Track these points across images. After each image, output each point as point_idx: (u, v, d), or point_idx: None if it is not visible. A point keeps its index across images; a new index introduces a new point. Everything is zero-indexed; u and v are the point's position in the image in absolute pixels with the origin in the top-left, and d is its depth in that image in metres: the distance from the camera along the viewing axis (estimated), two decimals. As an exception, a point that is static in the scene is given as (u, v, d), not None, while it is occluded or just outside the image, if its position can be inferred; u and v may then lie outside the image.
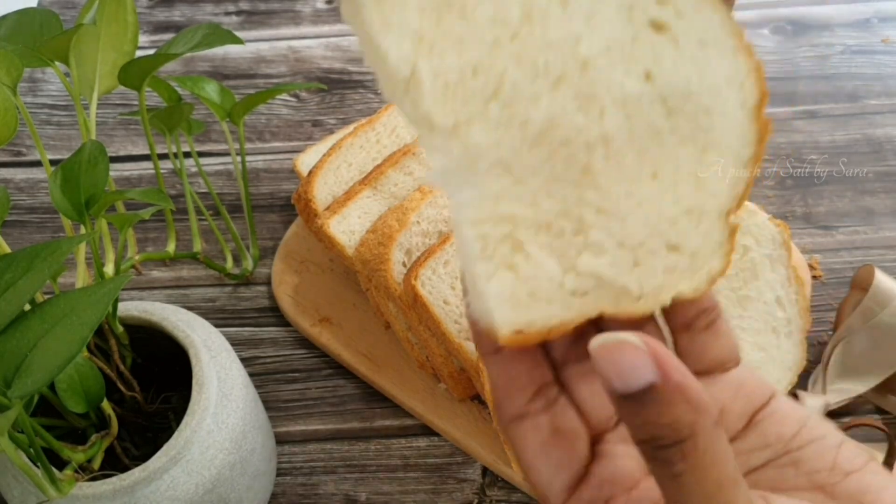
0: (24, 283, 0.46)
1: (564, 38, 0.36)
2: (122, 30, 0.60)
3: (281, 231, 0.84)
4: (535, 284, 0.37)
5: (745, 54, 0.38)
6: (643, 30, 0.37)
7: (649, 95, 0.37)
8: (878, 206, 0.83)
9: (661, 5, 0.37)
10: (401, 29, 0.34)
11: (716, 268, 0.38)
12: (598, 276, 0.37)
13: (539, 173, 0.37)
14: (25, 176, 0.90)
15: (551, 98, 0.36)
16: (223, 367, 0.60)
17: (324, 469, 0.71)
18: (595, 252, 0.37)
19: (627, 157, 0.37)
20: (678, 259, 0.38)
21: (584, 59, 0.36)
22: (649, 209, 0.37)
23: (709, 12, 0.38)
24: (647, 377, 0.32)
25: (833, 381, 0.70)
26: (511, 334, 0.36)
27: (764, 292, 0.68)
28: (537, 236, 0.37)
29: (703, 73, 0.37)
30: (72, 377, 0.53)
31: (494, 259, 0.36)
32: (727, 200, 0.39)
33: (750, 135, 0.38)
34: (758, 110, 0.38)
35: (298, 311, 0.78)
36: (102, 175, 0.54)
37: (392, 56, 0.34)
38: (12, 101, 0.53)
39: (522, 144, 0.36)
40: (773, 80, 0.93)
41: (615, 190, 0.37)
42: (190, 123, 0.75)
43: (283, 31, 1.02)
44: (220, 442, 0.57)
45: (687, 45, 0.37)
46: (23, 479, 0.54)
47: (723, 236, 0.38)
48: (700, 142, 0.38)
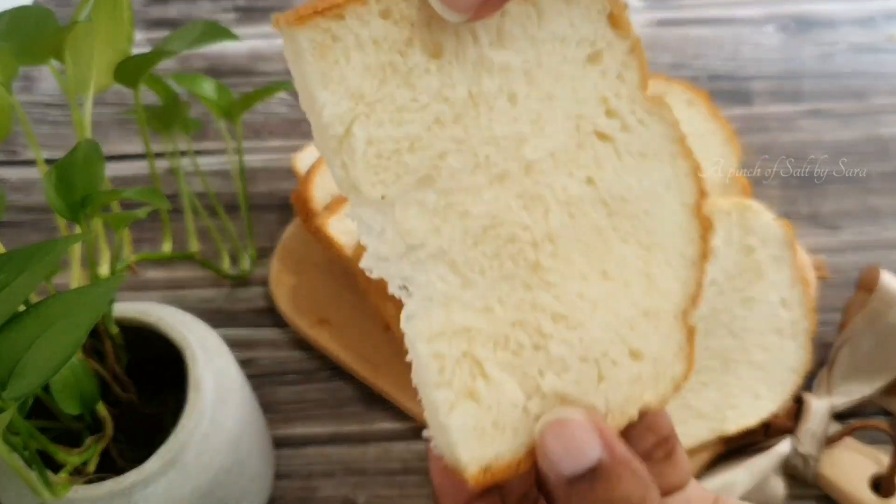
0: (18, 283, 0.45)
1: (509, 137, 0.35)
2: (118, 27, 0.60)
3: (279, 231, 0.83)
4: (498, 413, 0.35)
5: (684, 157, 0.38)
6: (588, 138, 0.37)
7: (591, 198, 0.37)
8: (884, 206, 0.83)
9: (608, 117, 0.37)
10: (340, 85, 0.33)
11: (679, 372, 0.38)
12: (563, 397, 0.36)
13: (487, 272, 0.35)
14: (20, 175, 0.90)
15: (493, 194, 0.35)
16: (220, 369, 0.59)
17: (322, 472, 0.70)
18: (558, 370, 0.36)
19: (575, 255, 0.37)
20: (642, 367, 0.37)
21: (528, 161, 0.36)
22: (606, 312, 0.37)
23: (653, 125, 0.38)
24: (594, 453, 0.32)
25: (839, 382, 0.69)
26: (479, 473, 0.34)
27: (769, 293, 0.68)
28: (496, 353, 0.35)
29: (643, 179, 0.38)
30: (66, 378, 0.53)
31: (454, 385, 0.35)
32: (681, 300, 0.39)
33: (692, 232, 0.39)
34: (697, 208, 0.38)
35: (296, 312, 0.77)
36: (98, 174, 0.53)
37: (327, 112, 0.32)
38: (7, 99, 0.53)
39: (465, 238, 0.35)
40: (777, 79, 0.93)
41: (568, 290, 0.36)
42: (186, 122, 0.75)
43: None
44: (217, 445, 0.57)
45: (628, 157, 0.38)
46: (17, 483, 0.53)
47: (682, 338, 0.38)
48: (644, 241, 0.38)
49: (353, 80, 0.33)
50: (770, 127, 0.89)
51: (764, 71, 0.93)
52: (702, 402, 0.66)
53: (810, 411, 0.67)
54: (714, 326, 0.67)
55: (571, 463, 0.32)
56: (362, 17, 0.32)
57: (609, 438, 0.33)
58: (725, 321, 0.67)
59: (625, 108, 0.37)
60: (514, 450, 0.35)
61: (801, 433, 0.66)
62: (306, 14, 0.32)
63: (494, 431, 0.35)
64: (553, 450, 0.33)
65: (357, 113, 0.33)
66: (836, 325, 0.74)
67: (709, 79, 0.93)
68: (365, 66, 0.33)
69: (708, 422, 0.66)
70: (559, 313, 0.36)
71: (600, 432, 0.33)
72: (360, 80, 0.33)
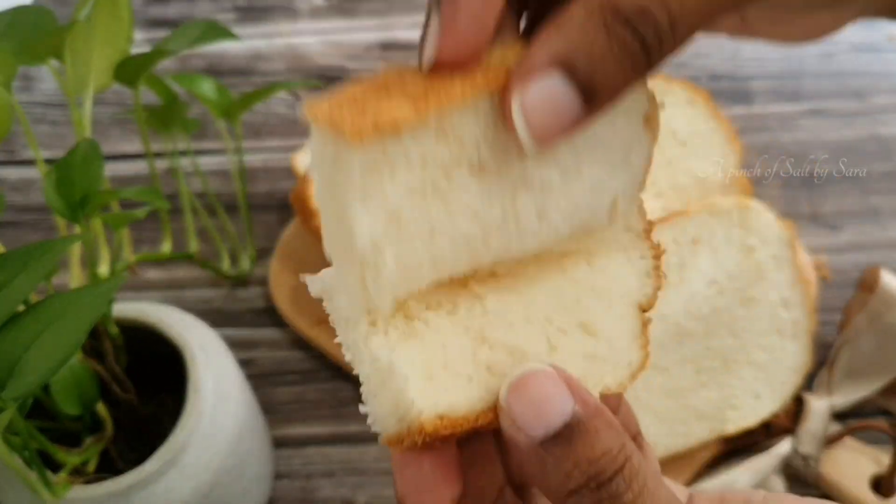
0: (17, 283, 0.45)
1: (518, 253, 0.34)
2: (117, 26, 0.59)
3: (278, 231, 0.83)
4: (446, 356, 0.33)
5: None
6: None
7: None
8: (885, 206, 0.82)
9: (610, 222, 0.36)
10: (380, 203, 0.30)
11: (636, 359, 0.37)
12: (514, 350, 0.34)
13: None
14: (19, 175, 0.89)
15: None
16: (219, 369, 0.59)
17: (322, 472, 0.70)
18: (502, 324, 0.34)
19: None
20: (596, 344, 0.36)
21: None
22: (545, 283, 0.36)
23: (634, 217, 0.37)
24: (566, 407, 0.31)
25: (839, 382, 0.69)
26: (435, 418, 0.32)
27: (769, 293, 0.68)
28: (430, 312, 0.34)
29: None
30: (66, 379, 0.53)
31: (390, 332, 0.33)
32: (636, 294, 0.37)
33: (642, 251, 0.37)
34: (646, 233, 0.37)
35: (296, 312, 0.77)
36: (97, 174, 0.53)
37: (360, 230, 0.30)
38: (6, 98, 0.53)
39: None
40: (777, 78, 0.93)
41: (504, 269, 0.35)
42: (186, 122, 0.75)
43: (280, 28, 1.01)
44: (217, 445, 0.57)
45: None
46: (17, 483, 0.53)
47: (636, 325, 0.37)
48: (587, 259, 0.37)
49: (394, 200, 0.31)
50: (770, 127, 0.88)
51: (764, 71, 0.93)
52: (702, 402, 0.66)
53: (810, 411, 0.67)
54: (714, 326, 0.67)
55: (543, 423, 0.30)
56: (418, 134, 0.30)
57: (579, 389, 0.31)
58: (726, 321, 0.67)
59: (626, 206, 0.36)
60: (471, 400, 0.33)
61: (801, 433, 0.66)
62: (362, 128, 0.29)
63: (446, 375, 0.33)
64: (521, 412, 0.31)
65: (391, 234, 0.31)
66: (836, 325, 0.74)
67: (709, 78, 0.92)
68: (408, 185, 0.31)
69: (708, 422, 0.66)
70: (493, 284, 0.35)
71: (568, 383, 0.31)
72: (400, 200, 0.31)
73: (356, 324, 0.33)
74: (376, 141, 0.29)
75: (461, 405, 0.33)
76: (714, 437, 0.66)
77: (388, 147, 0.30)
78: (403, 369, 0.32)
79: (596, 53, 0.30)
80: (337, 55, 0.98)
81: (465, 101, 0.31)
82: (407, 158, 0.30)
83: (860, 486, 0.65)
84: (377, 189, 0.30)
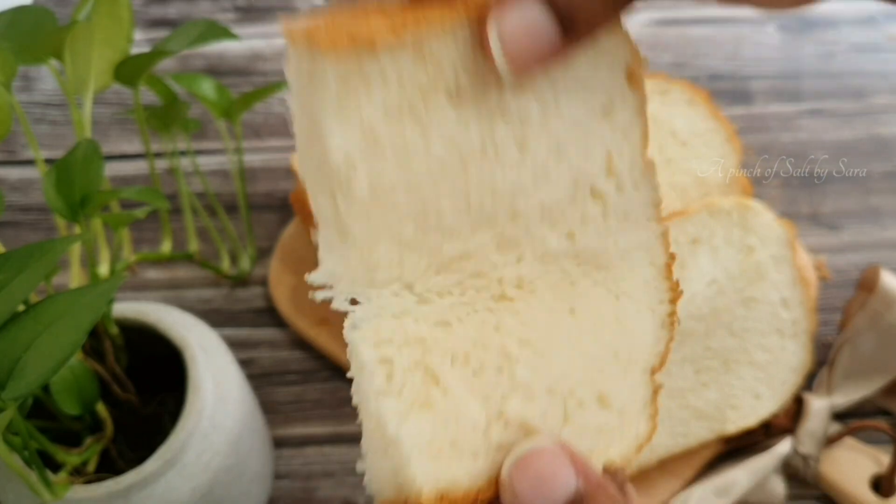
0: (17, 283, 0.45)
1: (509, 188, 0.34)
2: (117, 26, 0.59)
3: (278, 231, 0.83)
4: (457, 431, 0.32)
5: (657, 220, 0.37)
6: (582, 194, 0.36)
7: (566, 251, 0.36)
8: (885, 206, 0.82)
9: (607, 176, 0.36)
10: (355, 120, 0.30)
11: (643, 432, 0.37)
12: (527, 428, 0.33)
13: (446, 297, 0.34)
14: (19, 175, 0.89)
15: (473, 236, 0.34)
16: (219, 369, 0.59)
17: (322, 472, 0.70)
18: (523, 397, 0.34)
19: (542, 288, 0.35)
20: (608, 417, 0.36)
21: (517, 211, 0.34)
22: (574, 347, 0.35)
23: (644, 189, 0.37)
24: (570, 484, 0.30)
25: (839, 382, 0.69)
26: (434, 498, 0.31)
27: (769, 293, 0.68)
28: (454, 368, 0.33)
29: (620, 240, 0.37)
30: (66, 379, 0.53)
31: (405, 395, 0.32)
32: (650, 355, 0.37)
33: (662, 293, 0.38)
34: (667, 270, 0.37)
35: (296, 313, 0.77)
36: (97, 174, 0.53)
37: (334, 145, 0.30)
38: (6, 98, 0.53)
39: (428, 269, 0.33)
40: (777, 78, 0.93)
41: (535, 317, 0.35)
42: (186, 121, 0.75)
43: (280, 28, 1.01)
44: (217, 445, 0.57)
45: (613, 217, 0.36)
46: (17, 483, 0.53)
47: (648, 395, 0.37)
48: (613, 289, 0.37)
49: (369, 117, 0.30)
50: (770, 127, 0.88)
51: (764, 70, 0.93)
52: (702, 402, 0.66)
53: (810, 411, 0.67)
54: (714, 326, 0.67)
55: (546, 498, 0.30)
56: (395, 54, 0.30)
57: (584, 465, 0.31)
58: (726, 321, 0.67)
59: (625, 168, 0.36)
60: (473, 476, 0.32)
61: (801, 433, 0.66)
62: (338, 39, 0.29)
63: (452, 452, 0.32)
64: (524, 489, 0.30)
65: (365, 151, 0.31)
66: (836, 325, 0.74)
67: (709, 78, 0.92)
68: (384, 104, 0.31)
69: (708, 422, 0.66)
70: (525, 338, 0.34)
71: (573, 459, 0.31)
72: (375, 118, 0.31)
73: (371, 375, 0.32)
74: (351, 54, 0.29)
75: (463, 481, 0.32)
76: (714, 437, 0.66)
77: (364, 64, 0.30)
78: (410, 446, 0.31)
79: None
80: (337, 55, 0.98)
81: (443, 26, 0.31)
82: (383, 77, 0.30)
83: (860, 486, 0.65)
84: (353, 105, 0.30)
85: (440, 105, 0.32)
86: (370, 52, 0.30)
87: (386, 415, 0.31)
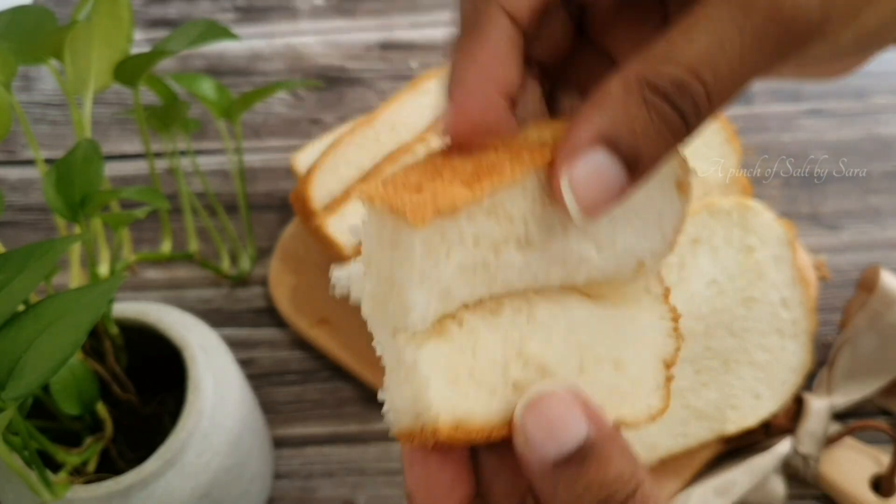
0: (17, 283, 0.45)
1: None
2: (117, 26, 0.59)
3: (278, 231, 0.83)
4: (474, 363, 0.33)
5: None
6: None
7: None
8: (885, 206, 0.82)
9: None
10: (435, 284, 0.31)
11: (655, 406, 0.37)
12: (545, 370, 0.34)
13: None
14: (19, 175, 0.89)
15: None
16: (219, 369, 0.59)
17: (322, 472, 0.70)
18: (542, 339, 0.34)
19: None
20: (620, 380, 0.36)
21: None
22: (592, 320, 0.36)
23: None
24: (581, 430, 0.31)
25: (839, 382, 0.69)
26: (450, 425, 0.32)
27: (769, 293, 0.68)
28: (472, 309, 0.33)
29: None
30: (66, 379, 0.53)
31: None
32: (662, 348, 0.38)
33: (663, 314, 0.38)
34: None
35: (296, 312, 0.77)
36: (97, 174, 0.53)
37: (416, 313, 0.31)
38: (6, 98, 0.53)
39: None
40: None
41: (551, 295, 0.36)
42: (186, 121, 0.75)
43: (280, 28, 1.01)
44: (217, 445, 0.57)
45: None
46: (17, 483, 0.53)
47: (660, 379, 0.37)
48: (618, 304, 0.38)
49: (446, 279, 0.31)
50: (770, 127, 0.88)
51: (764, 70, 0.93)
52: (702, 402, 0.66)
53: (810, 411, 0.67)
54: (714, 326, 0.67)
55: (557, 444, 0.30)
56: (472, 215, 0.31)
57: (595, 413, 0.31)
58: (726, 321, 0.67)
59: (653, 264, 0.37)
60: (490, 413, 0.33)
61: (801, 433, 0.66)
62: (425, 214, 0.29)
63: (470, 382, 0.32)
64: (534, 431, 0.31)
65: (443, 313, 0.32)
66: (836, 325, 0.74)
67: (709, 78, 0.92)
68: (460, 264, 0.31)
69: (708, 422, 0.66)
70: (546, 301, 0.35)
71: (585, 406, 0.31)
72: (451, 279, 0.31)
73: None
74: (436, 223, 0.30)
75: (479, 416, 0.33)
76: (714, 437, 0.66)
77: (445, 228, 0.31)
78: (426, 370, 0.32)
79: (638, 128, 0.31)
80: (337, 55, 0.98)
81: (514, 180, 0.32)
82: (461, 238, 0.31)
83: (860, 485, 0.65)
84: (433, 270, 0.31)
85: (510, 255, 0.33)
86: (452, 218, 0.31)
87: (402, 346, 0.32)
